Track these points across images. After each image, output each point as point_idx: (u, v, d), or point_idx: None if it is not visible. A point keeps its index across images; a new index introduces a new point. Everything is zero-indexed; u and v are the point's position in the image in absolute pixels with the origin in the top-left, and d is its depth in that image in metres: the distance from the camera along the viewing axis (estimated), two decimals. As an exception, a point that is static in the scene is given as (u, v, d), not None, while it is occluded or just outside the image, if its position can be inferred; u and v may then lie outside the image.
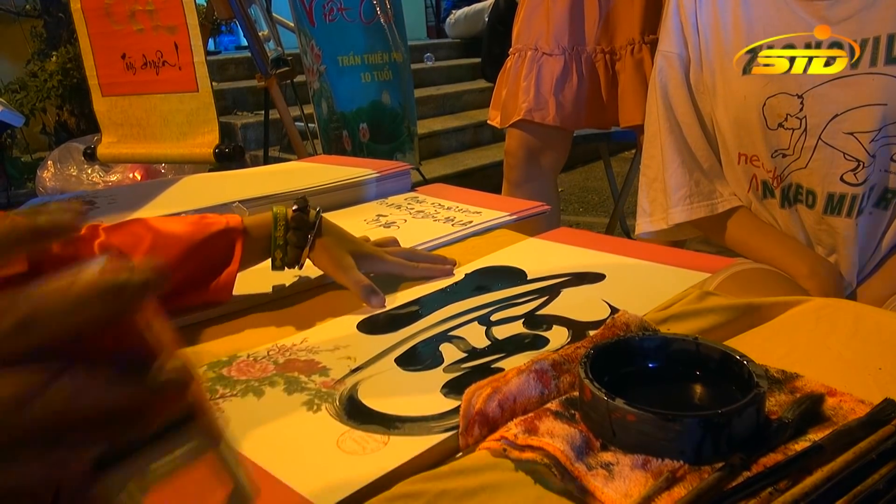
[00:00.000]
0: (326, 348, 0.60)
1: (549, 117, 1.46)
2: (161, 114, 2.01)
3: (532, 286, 0.71)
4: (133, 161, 2.39)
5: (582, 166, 4.03)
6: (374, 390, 0.52)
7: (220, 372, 0.56)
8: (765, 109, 0.89)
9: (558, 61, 1.45)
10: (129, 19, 1.97)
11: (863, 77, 0.82)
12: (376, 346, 0.60)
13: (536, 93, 1.47)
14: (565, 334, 0.60)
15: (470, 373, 0.54)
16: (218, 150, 1.88)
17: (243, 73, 4.12)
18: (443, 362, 0.56)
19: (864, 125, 0.83)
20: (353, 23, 2.36)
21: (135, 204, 0.99)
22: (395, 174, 1.10)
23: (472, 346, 0.58)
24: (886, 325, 0.56)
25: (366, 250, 0.73)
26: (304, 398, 0.51)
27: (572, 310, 0.64)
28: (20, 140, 3.49)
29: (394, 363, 0.56)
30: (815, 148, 0.86)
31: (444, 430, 0.46)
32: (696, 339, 0.46)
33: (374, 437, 0.46)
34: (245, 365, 0.57)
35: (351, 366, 0.56)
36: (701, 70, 0.98)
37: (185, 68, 1.91)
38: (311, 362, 0.57)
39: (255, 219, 0.69)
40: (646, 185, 1.08)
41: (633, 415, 0.40)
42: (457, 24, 5.35)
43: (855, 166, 0.85)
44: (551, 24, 1.45)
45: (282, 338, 0.62)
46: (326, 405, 0.50)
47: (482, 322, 0.63)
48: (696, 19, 0.97)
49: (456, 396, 0.50)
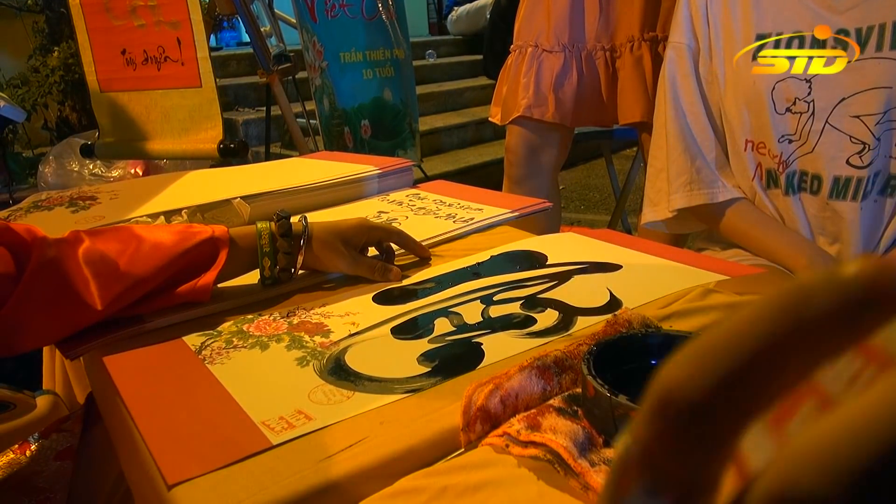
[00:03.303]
0: (338, 314, 0.65)
1: (549, 114, 1.46)
2: (162, 109, 2.00)
3: (547, 271, 0.72)
4: (131, 157, 2.39)
5: (583, 164, 4.03)
6: (361, 353, 0.57)
7: (242, 327, 0.64)
8: (773, 93, 0.90)
9: (558, 58, 1.45)
10: (129, 14, 1.96)
11: (869, 61, 0.84)
12: (381, 315, 0.64)
13: (536, 89, 1.47)
14: (555, 316, 0.61)
15: (450, 345, 0.57)
16: (222, 145, 1.88)
17: (245, 70, 4.12)
18: (432, 334, 0.59)
19: (869, 108, 0.84)
20: (355, 19, 2.36)
21: (137, 199, 0.99)
22: (396, 171, 1.10)
23: (465, 322, 0.61)
24: (889, 323, 0.56)
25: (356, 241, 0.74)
26: (299, 355, 0.58)
27: (573, 295, 0.65)
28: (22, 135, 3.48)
29: (389, 332, 0.61)
30: (823, 131, 0.87)
31: (405, 392, 0.50)
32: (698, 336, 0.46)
33: (341, 392, 0.51)
34: (264, 323, 0.65)
35: (352, 330, 0.61)
36: (710, 60, 0.99)
37: (188, 64, 1.90)
38: (319, 325, 0.63)
39: (242, 229, 0.69)
40: (652, 176, 1.08)
41: (636, 411, 0.40)
42: (458, 20, 5.35)
43: (861, 149, 0.86)
44: (552, 20, 1.44)
45: (306, 302, 0.69)
46: (315, 362, 0.56)
47: (484, 301, 0.66)
48: (706, 10, 0.98)
49: (427, 364, 0.54)
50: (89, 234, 0.63)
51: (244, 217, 0.94)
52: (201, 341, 0.61)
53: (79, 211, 0.96)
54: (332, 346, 0.59)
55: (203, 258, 0.66)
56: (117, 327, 0.63)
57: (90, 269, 0.60)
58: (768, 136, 0.93)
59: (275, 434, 0.46)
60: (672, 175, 1.02)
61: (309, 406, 0.49)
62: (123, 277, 0.61)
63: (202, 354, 0.59)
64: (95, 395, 0.68)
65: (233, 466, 0.44)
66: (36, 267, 0.58)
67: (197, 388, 0.54)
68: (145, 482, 0.47)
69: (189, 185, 1.10)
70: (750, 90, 0.93)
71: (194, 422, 0.49)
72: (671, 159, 1.02)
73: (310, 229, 0.70)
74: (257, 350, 0.59)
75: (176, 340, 0.62)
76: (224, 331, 0.63)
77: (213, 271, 0.65)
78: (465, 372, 0.53)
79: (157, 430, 0.48)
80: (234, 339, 0.62)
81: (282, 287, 0.72)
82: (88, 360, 0.64)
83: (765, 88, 0.91)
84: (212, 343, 0.61)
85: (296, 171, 1.14)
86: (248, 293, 0.70)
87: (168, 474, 0.43)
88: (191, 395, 0.53)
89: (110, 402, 0.58)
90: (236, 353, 0.59)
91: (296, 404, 0.50)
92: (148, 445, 0.46)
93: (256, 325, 0.64)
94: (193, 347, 0.60)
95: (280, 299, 0.70)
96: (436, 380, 0.52)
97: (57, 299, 0.59)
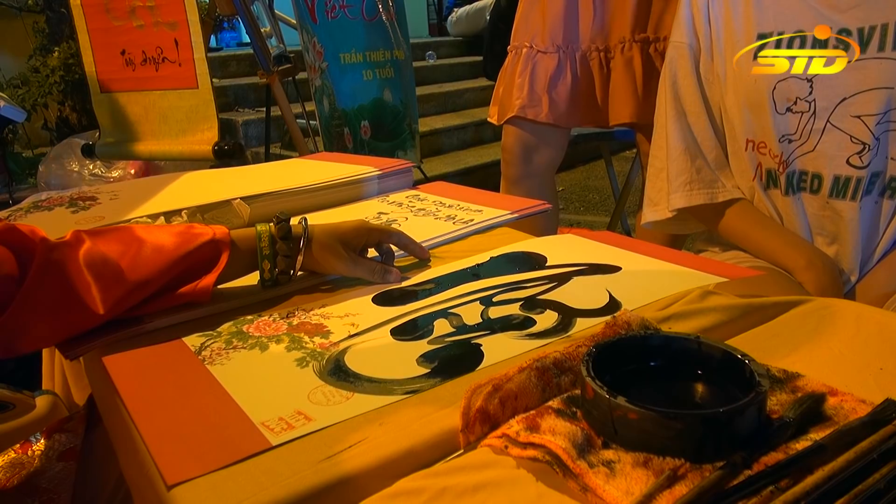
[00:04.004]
0: (337, 315, 0.65)
1: (543, 114, 1.47)
2: (160, 110, 2.00)
3: (546, 272, 0.72)
4: (131, 158, 2.39)
5: (583, 165, 4.03)
6: (361, 354, 0.57)
7: (241, 328, 0.64)
8: (774, 93, 0.91)
9: (553, 59, 1.46)
10: (128, 15, 1.97)
11: (871, 61, 0.84)
12: (381, 316, 0.64)
13: (530, 90, 1.48)
14: (554, 318, 0.61)
15: (450, 346, 0.57)
16: (217, 147, 1.88)
17: (245, 70, 4.12)
18: (431, 335, 0.59)
19: (870, 108, 0.84)
20: (356, 20, 2.36)
21: (137, 200, 0.99)
22: (396, 172, 1.10)
23: (464, 323, 0.61)
24: (888, 326, 0.56)
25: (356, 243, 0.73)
26: (299, 356, 0.58)
27: (573, 297, 0.66)
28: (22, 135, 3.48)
29: (388, 333, 0.61)
30: (824, 131, 0.88)
31: (404, 393, 0.50)
32: (697, 337, 0.46)
33: (341, 393, 0.51)
34: (264, 324, 0.65)
35: (352, 331, 0.61)
36: (711, 60, 0.99)
37: (185, 65, 1.91)
38: (319, 325, 0.63)
39: (241, 232, 0.69)
40: (652, 176, 1.09)
41: (635, 413, 0.40)
42: (458, 22, 5.35)
43: (861, 149, 0.86)
44: (546, 21, 1.46)
45: (306, 303, 0.68)
46: (314, 363, 0.56)
47: (483, 302, 0.66)
48: (707, 10, 0.98)
49: (427, 365, 0.54)
50: (90, 235, 0.63)
51: (244, 218, 0.94)
52: (201, 342, 0.61)
53: (79, 211, 0.96)
54: (332, 347, 0.59)
55: (204, 260, 0.66)
56: (117, 328, 0.63)
57: (91, 272, 0.60)
58: (769, 135, 0.93)
59: (274, 435, 0.46)
60: (672, 174, 1.02)
61: (308, 407, 0.50)
62: (125, 281, 0.61)
63: (202, 355, 0.59)
64: (95, 396, 0.68)
65: (232, 467, 0.44)
66: (38, 270, 0.58)
67: (196, 388, 0.54)
68: (145, 482, 0.47)
69: (189, 185, 1.10)
70: (751, 90, 0.93)
71: (194, 422, 0.49)
72: (671, 159, 1.02)
73: (310, 231, 0.70)
74: (257, 351, 0.59)
75: (176, 341, 0.62)
76: (224, 331, 0.63)
77: (213, 273, 0.65)
78: (464, 373, 0.53)
79: (157, 431, 0.48)
80: (234, 339, 0.62)
81: (281, 288, 0.72)
82: (88, 360, 0.64)
83: (766, 88, 0.91)
84: (211, 344, 0.61)
85: (295, 172, 1.14)
86: (248, 294, 0.71)
87: (167, 475, 0.43)
88: (190, 395, 0.53)
89: (110, 403, 0.58)
90: (236, 354, 0.59)
91: (295, 405, 0.50)
92: (147, 445, 0.46)
93: (256, 326, 0.64)
94: (193, 348, 0.60)
95: (279, 300, 0.70)
96: (435, 381, 0.52)
97: (59, 303, 0.59)
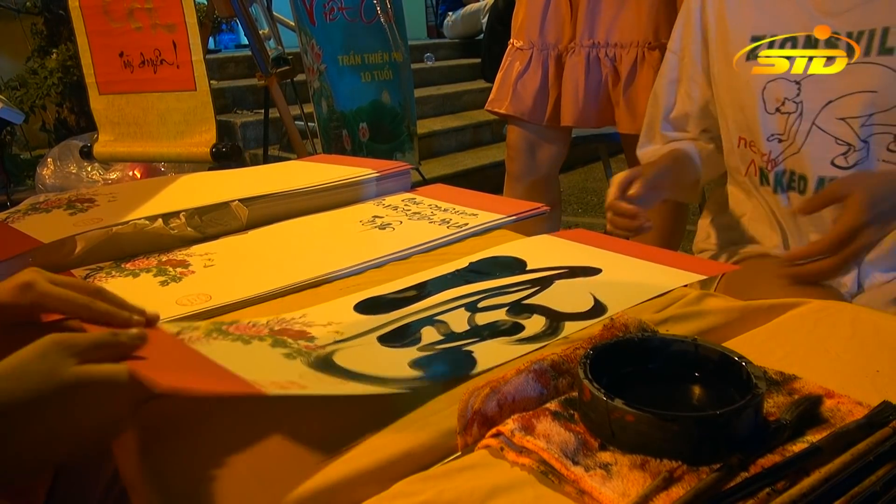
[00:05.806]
0: (321, 322, 0.63)
1: (504, 106, 1.53)
2: (158, 112, 2.00)
3: (528, 276, 0.72)
4: (129, 160, 2.39)
5: (581, 167, 4.03)
6: (351, 355, 0.56)
7: (221, 327, 0.60)
8: (764, 93, 0.92)
9: (525, 55, 1.52)
10: (127, 17, 1.97)
11: (857, 66, 0.86)
12: (366, 324, 0.63)
13: (501, 83, 1.56)
14: (542, 322, 0.61)
15: (441, 353, 0.56)
16: (215, 149, 1.88)
17: (243, 72, 4.11)
18: (420, 343, 0.58)
19: (854, 111, 0.86)
20: (354, 22, 2.36)
21: (135, 202, 0.98)
22: (395, 174, 1.10)
23: (452, 331, 0.60)
24: (884, 328, 0.56)
25: None
26: (285, 351, 0.55)
27: (557, 300, 0.65)
28: (20, 137, 3.48)
29: (375, 340, 0.59)
30: (810, 132, 0.89)
31: (401, 389, 0.49)
32: (694, 340, 0.47)
33: (334, 379, 0.50)
34: (244, 327, 0.62)
35: (337, 338, 0.59)
36: (707, 61, 1.01)
37: (183, 67, 1.91)
38: (302, 331, 0.61)
39: None
40: None
41: (632, 415, 0.40)
42: (454, 25, 5.35)
43: (846, 150, 0.87)
44: (526, 19, 1.51)
45: (284, 312, 0.66)
46: (302, 357, 0.54)
47: (469, 308, 0.65)
48: (700, 13, 1.01)
49: (420, 368, 0.53)
50: None
51: (242, 220, 0.94)
52: (177, 329, 0.58)
53: (77, 213, 0.96)
54: (319, 350, 0.57)
55: None
56: None
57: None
58: (757, 134, 0.94)
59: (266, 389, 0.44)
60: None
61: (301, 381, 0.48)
62: None
63: (181, 337, 0.56)
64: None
65: (232, 467, 0.44)
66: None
67: (181, 359, 0.51)
68: (144, 482, 0.46)
69: (187, 187, 1.10)
70: (743, 89, 0.95)
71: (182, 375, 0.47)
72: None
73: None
74: (239, 344, 0.56)
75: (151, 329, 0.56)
76: (201, 327, 0.60)
77: None
78: (459, 378, 0.52)
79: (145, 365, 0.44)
80: (214, 333, 0.58)
81: None
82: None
83: (756, 88, 0.93)
84: (190, 333, 0.57)
85: (294, 174, 1.14)
86: None
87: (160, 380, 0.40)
88: (176, 364, 0.50)
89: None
90: (217, 343, 0.56)
91: (287, 378, 0.48)
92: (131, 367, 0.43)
93: (236, 328, 0.61)
94: (171, 333, 0.57)
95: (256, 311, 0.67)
96: (430, 384, 0.51)
97: None
